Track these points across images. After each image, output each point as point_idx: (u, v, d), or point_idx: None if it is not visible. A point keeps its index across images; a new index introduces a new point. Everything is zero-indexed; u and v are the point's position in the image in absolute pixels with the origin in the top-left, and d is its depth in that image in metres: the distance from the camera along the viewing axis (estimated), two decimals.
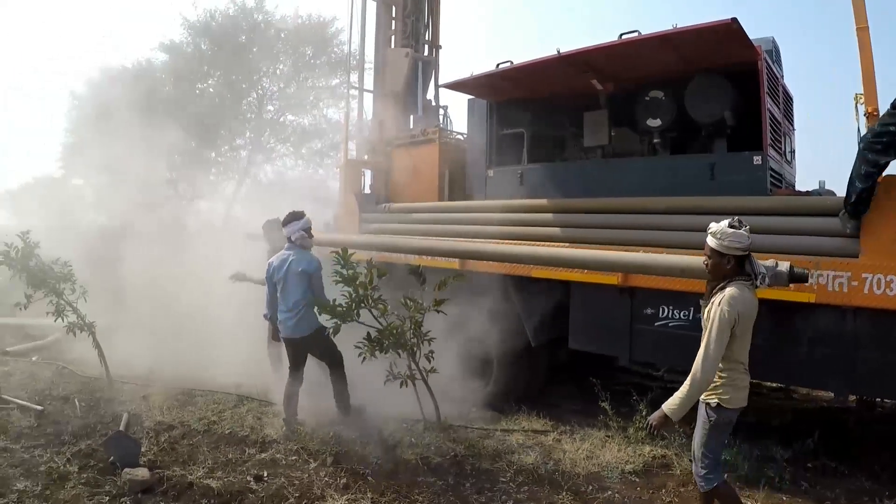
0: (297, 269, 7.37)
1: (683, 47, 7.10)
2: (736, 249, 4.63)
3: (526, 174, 9.07)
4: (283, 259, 7.53)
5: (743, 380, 4.79)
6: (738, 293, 4.59)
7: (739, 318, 4.57)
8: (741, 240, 4.63)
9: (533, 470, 6.38)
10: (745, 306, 4.61)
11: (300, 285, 7.36)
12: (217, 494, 5.89)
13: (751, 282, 4.73)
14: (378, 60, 12.37)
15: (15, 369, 10.45)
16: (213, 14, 24.95)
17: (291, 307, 7.40)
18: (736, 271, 4.70)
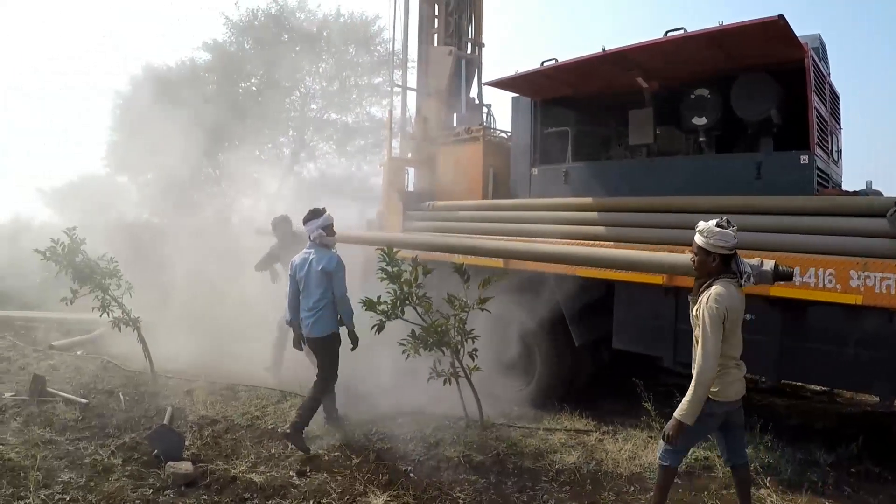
0: (317, 268, 7.31)
1: (729, 45, 7.10)
2: (721, 248, 4.89)
3: (570, 173, 9.09)
4: (304, 258, 7.49)
5: (734, 374, 5.10)
6: (724, 290, 4.84)
7: (728, 314, 4.82)
8: (727, 239, 4.89)
9: (575, 469, 6.44)
10: (732, 302, 4.86)
11: (321, 285, 7.32)
12: (260, 489, 6.05)
13: (736, 280, 4.98)
14: (421, 58, 12.44)
15: (60, 363, 10.75)
16: (256, 13, 25.21)
17: (312, 307, 7.36)
18: (721, 269, 4.96)
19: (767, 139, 7.55)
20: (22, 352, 11.66)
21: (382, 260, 7.09)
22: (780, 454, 6.53)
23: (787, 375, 6.92)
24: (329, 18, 25.61)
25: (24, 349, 11.90)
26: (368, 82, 26.29)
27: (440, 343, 7.22)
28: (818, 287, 6.03)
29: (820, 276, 6.02)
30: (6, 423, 7.75)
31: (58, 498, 5.83)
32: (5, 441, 7.17)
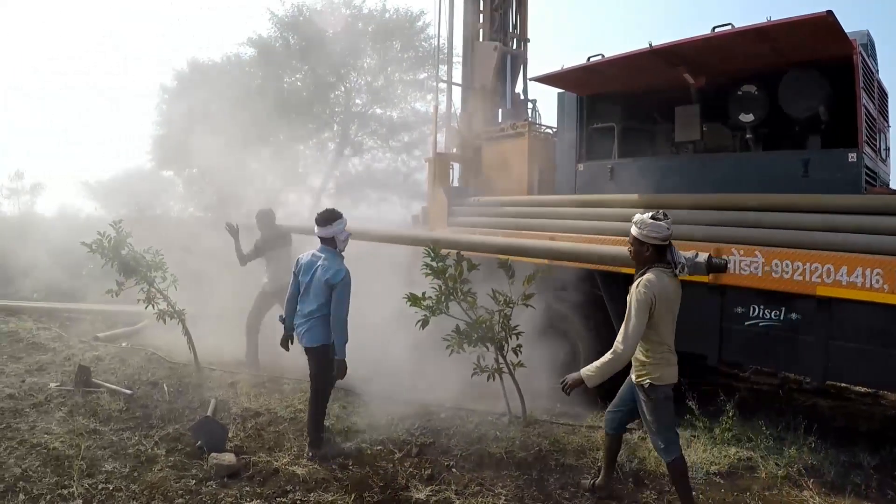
0: (322, 278, 6.81)
1: (777, 40, 7.11)
2: (654, 238, 5.28)
3: (616, 169, 9.14)
4: (312, 261, 7.05)
5: (669, 359, 5.43)
6: (654, 278, 5.23)
7: (656, 301, 5.17)
8: (659, 230, 5.27)
9: (618, 467, 6.44)
10: (662, 290, 5.22)
11: (322, 295, 6.84)
12: (302, 481, 6.20)
13: (671, 270, 5.36)
14: (466, 54, 12.53)
15: (105, 354, 11.01)
16: (301, 9, 25.42)
17: (307, 314, 6.97)
18: (655, 259, 5.35)
19: (815, 136, 7.56)
20: (67, 343, 11.97)
21: (427, 255, 7.19)
22: (824, 456, 6.54)
23: (833, 376, 6.90)
24: (374, 14, 25.76)
25: (69, 340, 12.23)
26: (413, 78, 26.39)
27: (484, 339, 7.30)
28: (865, 287, 6.04)
29: (867, 275, 6.03)
30: (51, 413, 7.99)
31: (101, 487, 6.01)
32: (50, 431, 7.40)
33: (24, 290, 17.60)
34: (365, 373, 8.56)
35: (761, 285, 6.72)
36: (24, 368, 10.04)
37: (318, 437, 6.92)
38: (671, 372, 5.44)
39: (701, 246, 6.98)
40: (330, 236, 6.99)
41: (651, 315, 5.21)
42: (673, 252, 5.40)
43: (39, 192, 32.56)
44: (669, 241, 5.37)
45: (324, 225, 6.98)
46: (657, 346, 5.37)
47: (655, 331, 5.31)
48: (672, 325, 5.43)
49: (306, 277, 7.00)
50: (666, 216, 5.34)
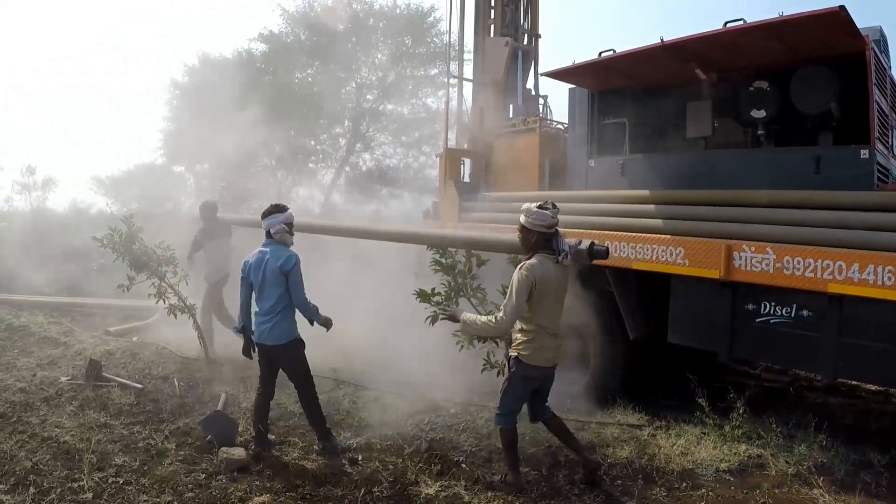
0: (274, 267, 6.72)
1: (789, 36, 7.10)
2: (540, 226, 5.74)
3: (627, 165, 9.14)
4: (259, 257, 6.89)
5: (545, 342, 5.88)
6: (537, 263, 5.70)
7: (536, 284, 5.61)
8: (544, 219, 5.73)
9: (627, 464, 6.51)
10: (543, 274, 5.67)
11: (278, 286, 6.74)
12: (312, 476, 6.23)
13: (555, 256, 5.78)
14: (477, 49, 12.54)
15: (116, 349, 11.10)
16: (312, 4, 25.45)
17: (268, 310, 6.80)
18: (541, 245, 5.80)
19: (827, 133, 7.53)
20: (78, 337, 12.11)
21: (436, 251, 7.19)
22: (834, 454, 6.52)
23: (843, 374, 6.91)
24: (385, 9, 25.78)
25: (80, 334, 12.37)
26: (424, 73, 26.39)
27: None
28: (877, 284, 6.03)
29: (879, 273, 6.02)
30: (62, 407, 8.09)
31: (111, 481, 6.07)
32: (61, 424, 7.48)
33: (35, 284, 17.69)
34: (375, 368, 8.60)
35: (772, 282, 6.71)
36: (35, 362, 10.15)
37: (325, 429, 6.94)
38: (542, 354, 5.90)
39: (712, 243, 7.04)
40: (267, 230, 6.96)
41: (531, 296, 5.65)
42: (558, 240, 5.84)
43: (51, 188, 32.64)
44: (556, 230, 5.82)
45: (264, 218, 7.00)
46: (531, 326, 5.84)
47: (533, 311, 5.78)
48: (553, 308, 5.93)
49: (258, 276, 6.84)
50: (554, 206, 5.82)
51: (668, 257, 7.62)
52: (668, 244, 7.62)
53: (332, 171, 27.40)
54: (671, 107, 8.97)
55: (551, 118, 11.60)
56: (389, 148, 28.11)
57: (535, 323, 5.83)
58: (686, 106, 8.64)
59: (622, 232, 8.17)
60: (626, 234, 8.08)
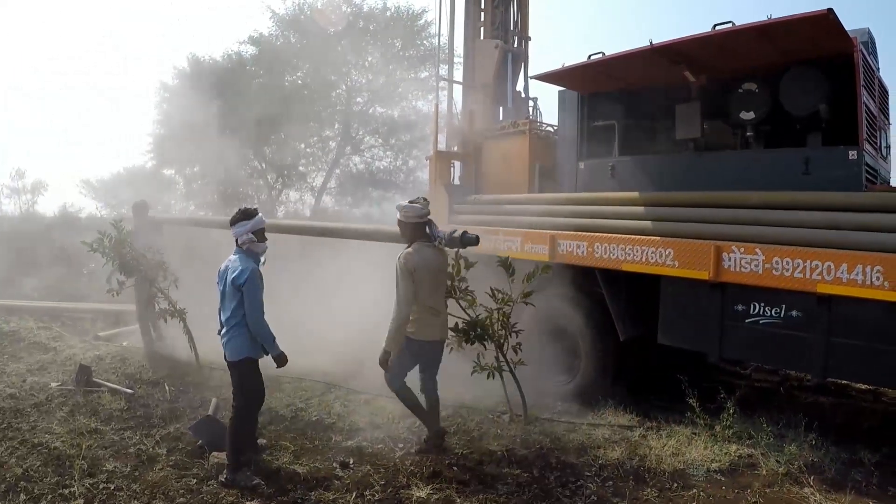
0: (229, 280, 6.30)
1: (777, 38, 7.15)
2: (412, 218, 6.63)
3: (617, 167, 9.17)
4: (225, 266, 6.50)
5: (428, 319, 6.71)
6: (413, 251, 6.46)
7: (416, 269, 6.36)
8: (416, 211, 6.62)
9: (618, 465, 6.50)
10: (422, 259, 6.50)
11: (233, 299, 6.31)
12: (303, 480, 6.22)
13: (431, 244, 6.69)
14: (467, 52, 12.53)
15: (106, 353, 10.97)
16: (302, 7, 25.44)
17: (224, 323, 6.43)
18: (418, 235, 6.66)
19: (816, 134, 7.55)
20: (68, 342, 11.98)
21: None
22: (825, 453, 6.53)
23: (833, 374, 6.92)
24: (375, 11, 25.77)
25: (70, 339, 12.27)
26: (415, 76, 26.40)
27: (483, 337, 7.32)
28: (865, 284, 6.07)
29: (867, 273, 6.07)
30: (52, 413, 8.03)
31: (102, 487, 6.04)
32: (51, 430, 7.43)
33: (24, 289, 17.66)
34: (366, 371, 8.60)
35: (762, 283, 6.76)
36: (25, 368, 10.08)
37: (237, 461, 6.27)
38: (426, 330, 6.72)
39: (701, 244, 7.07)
40: (235, 237, 6.54)
41: (413, 280, 6.40)
42: (432, 228, 6.72)
43: (41, 192, 32.53)
44: (429, 220, 6.70)
45: (231, 226, 6.60)
46: (420, 308, 6.62)
47: (416, 294, 6.52)
48: (435, 288, 6.75)
49: (220, 286, 6.50)
50: (425, 201, 6.71)
51: (657, 258, 7.66)
52: (658, 245, 7.66)
53: (322, 173, 27.38)
54: (660, 109, 9.01)
55: (541, 121, 11.61)
56: (379, 151, 28.11)
57: (419, 304, 6.58)
58: (675, 108, 8.64)
59: (612, 234, 8.19)
60: (615, 236, 8.13)
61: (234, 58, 25.57)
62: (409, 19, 25.74)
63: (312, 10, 25.19)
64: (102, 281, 10.45)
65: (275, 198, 26.46)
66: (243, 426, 6.42)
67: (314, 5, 25.35)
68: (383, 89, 26.21)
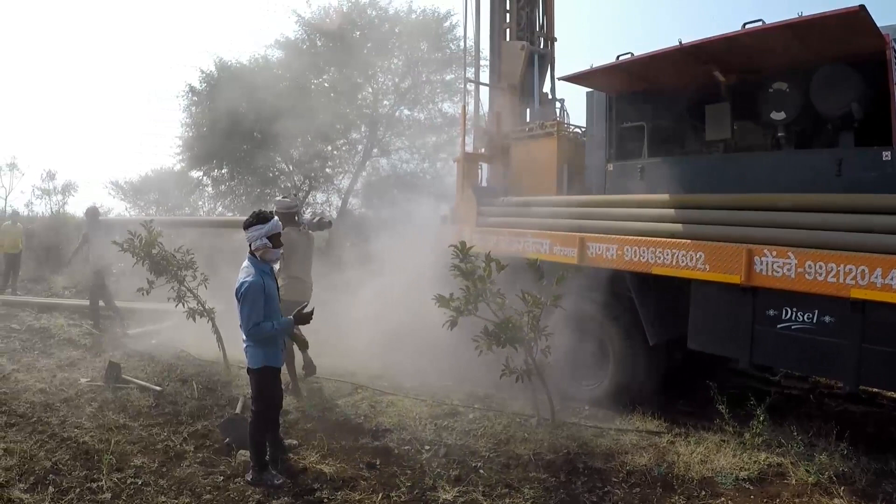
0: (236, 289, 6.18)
1: (808, 36, 7.06)
2: (283, 209, 8.90)
3: (646, 168, 9.09)
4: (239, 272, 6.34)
5: (295, 285, 8.88)
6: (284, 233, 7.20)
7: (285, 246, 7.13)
8: (285, 204, 9.20)
9: (646, 471, 6.45)
10: (288, 240, 8.07)
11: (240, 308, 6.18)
12: (329, 479, 6.24)
13: (298, 228, 9.15)
14: (493, 54, 12.55)
15: (135, 351, 11.24)
16: (328, 10, 25.50)
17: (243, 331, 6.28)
18: (288, 222, 8.65)
19: (848, 134, 7.42)
20: (98, 339, 12.31)
21: (455, 256, 7.16)
22: (855, 463, 6.40)
23: (866, 381, 6.80)
24: (401, 14, 25.77)
25: (100, 337, 12.58)
26: (441, 79, 26.36)
27: (513, 340, 7.27)
28: None
29: None
30: (81, 408, 8.18)
31: (130, 482, 6.12)
32: (80, 425, 7.57)
33: (55, 287, 17.87)
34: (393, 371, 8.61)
35: (794, 287, 6.67)
36: (55, 364, 10.31)
37: (262, 462, 6.29)
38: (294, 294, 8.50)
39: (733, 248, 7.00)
40: (248, 242, 6.41)
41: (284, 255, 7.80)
42: (300, 217, 9.48)
43: (71, 193, 32.90)
44: (296, 211, 9.40)
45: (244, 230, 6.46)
46: (285, 275, 8.71)
47: (286, 265, 8.79)
48: (302, 262, 9.13)
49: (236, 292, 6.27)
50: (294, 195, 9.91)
51: (688, 262, 7.58)
52: (688, 249, 7.58)
53: (349, 176, 27.43)
54: (690, 110, 8.92)
55: (569, 122, 11.56)
56: (406, 153, 28.11)
57: (287, 273, 8.84)
58: (705, 109, 8.58)
59: (641, 236, 8.12)
60: (645, 239, 8.06)
61: (261, 61, 25.65)
62: (435, 21, 25.71)
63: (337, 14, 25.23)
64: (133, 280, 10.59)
65: (301, 200, 26.52)
66: (261, 430, 6.40)
67: (339, 8, 25.40)
68: (410, 92, 26.20)
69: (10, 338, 12.16)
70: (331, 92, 25.06)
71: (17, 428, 7.41)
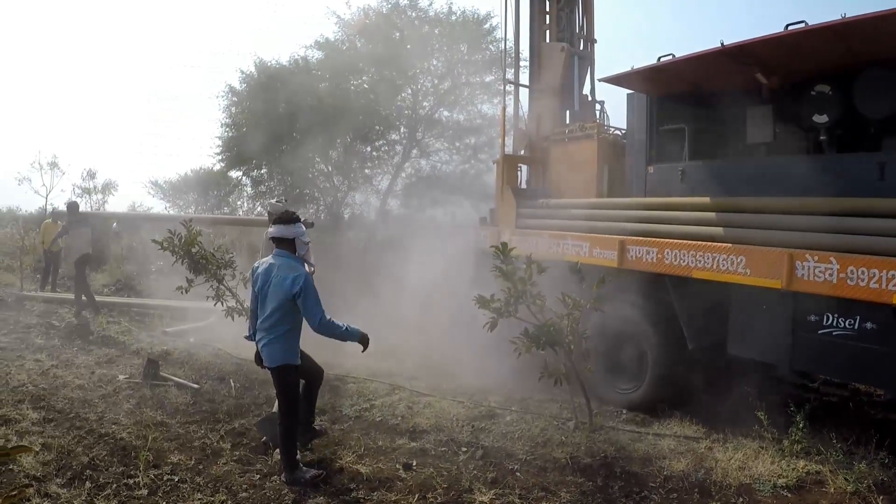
0: (279, 286, 6.20)
1: (851, 38, 7.03)
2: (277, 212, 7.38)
3: (687, 171, 9.07)
4: (267, 269, 6.41)
5: None
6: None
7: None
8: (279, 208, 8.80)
9: (683, 477, 6.45)
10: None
11: (278, 307, 6.24)
12: (366, 480, 6.32)
13: None
14: (533, 55, 12.59)
15: (173, 349, 11.47)
16: (367, 12, 25.60)
17: (268, 328, 6.35)
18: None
19: (891, 138, 7.38)
20: (136, 337, 12.56)
21: (497, 257, 7.21)
22: (895, 473, 6.37)
23: None
24: (441, 16, 25.79)
25: (138, 334, 12.83)
26: (480, 80, 26.35)
27: (553, 342, 7.31)
28: None
29: None
30: (119, 405, 8.37)
31: (166, 479, 6.26)
32: (118, 421, 7.75)
33: (95, 285, 18.19)
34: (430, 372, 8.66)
35: (836, 293, 6.63)
36: (94, 360, 10.55)
37: (293, 461, 6.31)
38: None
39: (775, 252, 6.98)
40: (290, 237, 6.43)
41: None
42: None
43: (111, 191, 33.34)
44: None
45: (285, 223, 6.46)
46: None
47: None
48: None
49: (263, 288, 6.39)
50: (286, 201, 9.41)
51: (728, 266, 7.57)
52: (730, 252, 7.58)
53: (388, 177, 27.52)
54: (731, 112, 8.89)
55: (608, 124, 11.56)
56: (445, 154, 28.13)
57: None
58: (746, 111, 8.55)
59: (682, 240, 8.11)
60: (686, 242, 8.05)
61: (301, 63, 25.80)
62: (475, 23, 25.72)
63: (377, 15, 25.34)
64: (171, 279, 10.79)
65: (340, 200, 26.66)
66: (292, 429, 6.44)
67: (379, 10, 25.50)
68: (449, 93, 26.23)
69: (49, 334, 12.42)
70: (370, 93, 25.14)
71: (55, 423, 7.59)
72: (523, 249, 8.66)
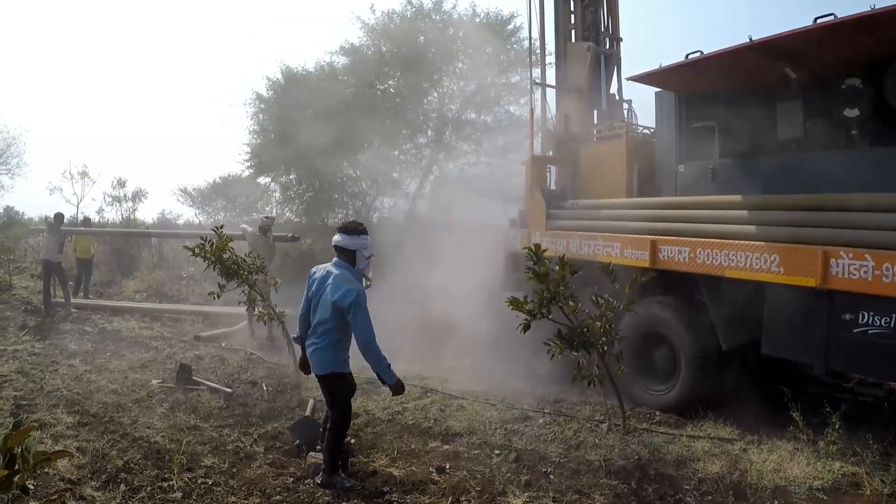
0: (330, 298, 6.14)
1: (882, 30, 6.95)
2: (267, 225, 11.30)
3: (718, 169, 9.03)
4: (324, 275, 6.39)
5: None
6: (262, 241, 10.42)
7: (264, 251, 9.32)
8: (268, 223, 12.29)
9: (717, 479, 6.41)
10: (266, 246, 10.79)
11: (330, 317, 6.21)
12: (399, 483, 6.37)
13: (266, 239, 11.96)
14: (559, 55, 12.60)
15: (206, 354, 11.69)
16: (391, 16, 25.65)
17: (319, 335, 6.32)
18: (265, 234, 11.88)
19: None
20: (169, 342, 12.78)
21: (529, 259, 7.20)
22: None
23: None
24: (465, 18, 25.79)
25: (171, 340, 13.03)
26: (506, 81, 26.31)
27: (586, 344, 7.31)
28: None
29: None
30: (153, 409, 8.52)
31: (200, 482, 6.36)
32: (152, 425, 7.88)
33: (127, 291, 18.41)
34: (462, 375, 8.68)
35: (871, 290, 6.58)
36: (127, 365, 10.77)
37: (334, 464, 6.37)
38: None
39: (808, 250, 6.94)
40: (352, 248, 6.34)
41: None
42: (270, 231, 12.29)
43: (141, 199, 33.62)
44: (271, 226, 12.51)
45: (349, 234, 6.37)
46: None
47: None
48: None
49: (317, 294, 6.37)
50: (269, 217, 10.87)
51: (762, 265, 7.53)
52: (762, 251, 7.54)
53: (416, 180, 27.55)
54: (761, 108, 8.82)
55: (637, 123, 11.52)
56: (473, 156, 28.11)
57: None
58: (776, 107, 8.48)
59: (714, 239, 8.08)
60: (718, 241, 8.02)
61: (327, 68, 25.89)
62: (500, 24, 25.70)
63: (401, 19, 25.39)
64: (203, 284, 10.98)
65: (369, 204, 26.72)
66: (341, 437, 6.49)
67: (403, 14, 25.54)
68: (475, 95, 26.22)
69: (83, 340, 12.68)
70: (396, 97, 25.20)
71: (89, 427, 7.74)
72: (554, 251, 8.65)
